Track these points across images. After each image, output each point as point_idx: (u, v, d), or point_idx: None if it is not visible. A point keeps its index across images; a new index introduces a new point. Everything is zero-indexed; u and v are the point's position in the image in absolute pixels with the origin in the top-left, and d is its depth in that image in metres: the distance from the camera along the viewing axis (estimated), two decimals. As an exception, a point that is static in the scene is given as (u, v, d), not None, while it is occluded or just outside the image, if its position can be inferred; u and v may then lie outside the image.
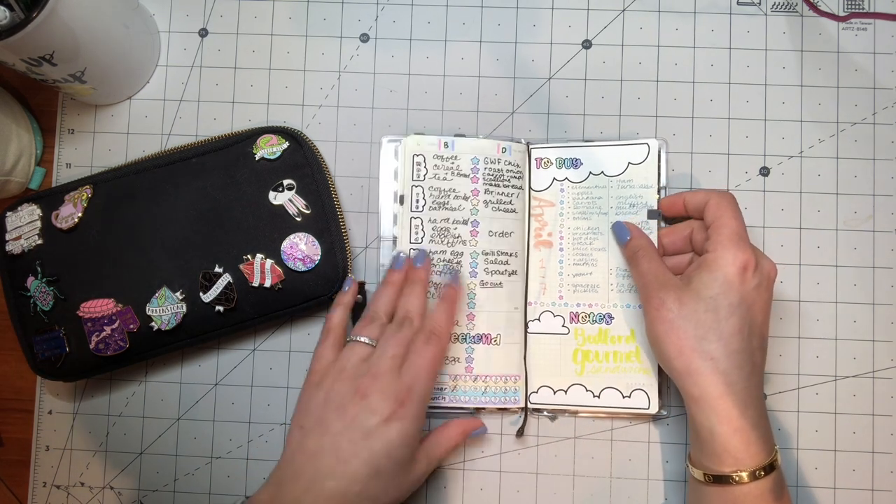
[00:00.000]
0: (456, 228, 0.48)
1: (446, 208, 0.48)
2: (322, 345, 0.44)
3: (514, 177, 0.49)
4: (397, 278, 0.46)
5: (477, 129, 0.50)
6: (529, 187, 0.49)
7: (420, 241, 0.48)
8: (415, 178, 0.48)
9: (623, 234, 0.47)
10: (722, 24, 0.50)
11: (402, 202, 0.49)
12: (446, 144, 0.49)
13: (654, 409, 0.47)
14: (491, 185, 0.48)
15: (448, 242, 0.48)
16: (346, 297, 0.47)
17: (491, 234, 0.48)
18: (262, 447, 0.49)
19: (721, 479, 0.40)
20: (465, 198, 0.48)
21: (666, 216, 0.48)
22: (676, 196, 0.47)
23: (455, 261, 0.48)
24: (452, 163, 0.48)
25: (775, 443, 0.41)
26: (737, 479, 0.39)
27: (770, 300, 0.42)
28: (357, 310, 0.48)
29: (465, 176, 0.48)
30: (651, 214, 0.48)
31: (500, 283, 0.48)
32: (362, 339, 0.43)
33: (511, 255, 0.48)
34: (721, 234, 0.42)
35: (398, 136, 0.50)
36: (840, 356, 0.48)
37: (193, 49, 0.51)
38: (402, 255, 0.47)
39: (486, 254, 0.48)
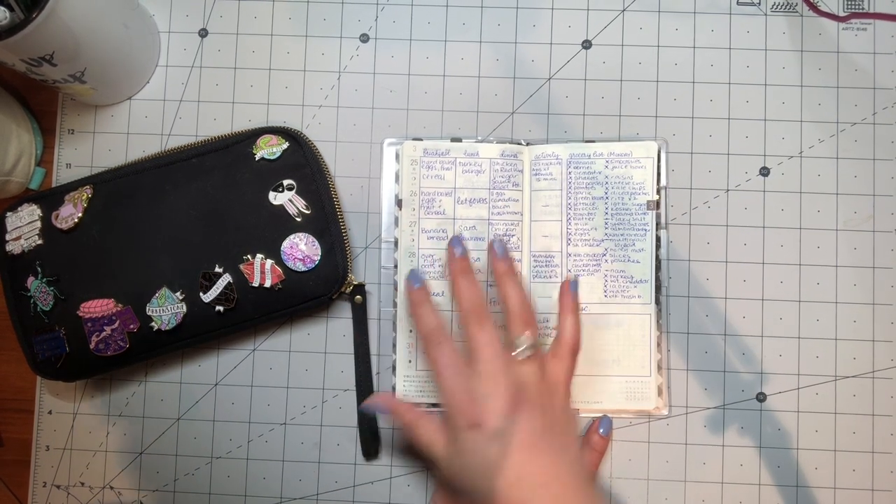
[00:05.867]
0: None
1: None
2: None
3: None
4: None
5: (477, 130, 0.50)
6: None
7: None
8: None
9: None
10: (722, 24, 0.50)
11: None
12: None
13: (653, 408, 0.47)
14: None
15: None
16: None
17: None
18: (262, 447, 0.49)
19: None
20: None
21: None
22: None
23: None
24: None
25: None
26: None
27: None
28: (357, 311, 0.48)
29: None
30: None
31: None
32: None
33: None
34: None
35: (399, 136, 0.50)
36: (840, 356, 0.48)
37: (193, 49, 0.51)
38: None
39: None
